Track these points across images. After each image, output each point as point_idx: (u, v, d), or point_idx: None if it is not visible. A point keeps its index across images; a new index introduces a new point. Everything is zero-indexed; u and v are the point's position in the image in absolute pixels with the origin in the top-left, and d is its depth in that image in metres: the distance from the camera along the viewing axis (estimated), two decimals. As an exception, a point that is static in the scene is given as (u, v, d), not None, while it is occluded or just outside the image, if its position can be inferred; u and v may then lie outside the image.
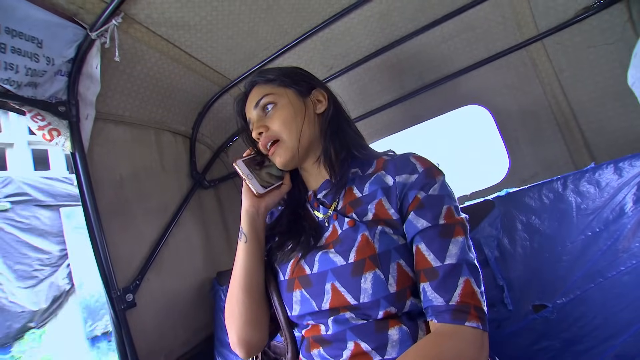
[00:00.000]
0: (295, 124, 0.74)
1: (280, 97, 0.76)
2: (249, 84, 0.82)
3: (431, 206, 0.64)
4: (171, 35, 1.07)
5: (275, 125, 0.74)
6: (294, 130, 0.74)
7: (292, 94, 0.77)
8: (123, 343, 1.07)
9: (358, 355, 0.63)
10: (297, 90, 0.78)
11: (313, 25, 1.19)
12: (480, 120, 1.45)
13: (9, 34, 0.84)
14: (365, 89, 1.45)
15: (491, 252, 0.91)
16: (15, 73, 0.88)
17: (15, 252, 4.72)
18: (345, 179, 0.75)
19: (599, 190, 0.81)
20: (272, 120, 0.75)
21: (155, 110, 1.33)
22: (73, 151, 1.07)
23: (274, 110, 0.76)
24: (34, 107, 0.99)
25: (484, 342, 0.58)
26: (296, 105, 0.76)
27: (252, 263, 0.75)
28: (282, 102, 0.76)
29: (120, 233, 1.16)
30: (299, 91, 0.78)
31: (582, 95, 1.17)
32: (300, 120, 0.75)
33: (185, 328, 1.30)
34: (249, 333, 0.74)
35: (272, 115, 0.75)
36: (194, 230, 1.47)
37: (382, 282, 0.62)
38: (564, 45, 1.16)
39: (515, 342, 0.86)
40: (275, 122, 0.75)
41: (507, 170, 1.34)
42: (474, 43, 1.28)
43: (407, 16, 1.22)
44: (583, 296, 0.80)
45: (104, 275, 1.07)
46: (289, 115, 0.74)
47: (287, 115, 0.74)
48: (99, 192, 1.11)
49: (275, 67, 0.83)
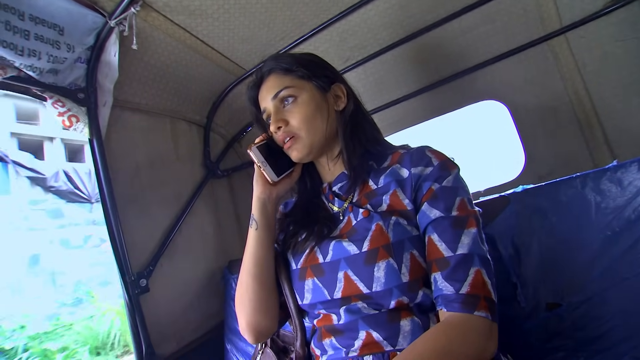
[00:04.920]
0: (316, 121, 0.74)
1: (301, 90, 0.75)
2: (265, 70, 0.80)
3: (445, 197, 0.64)
4: (188, 23, 1.08)
5: (295, 121, 0.74)
6: (314, 128, 0.73)
7: (313, 89, 0.76)
8: (137, 327, 1.09)
9: (369, 345, 0.63)
10: (317, 84, 0.76)
11: (330, 16, 1.18)
12: (494, 114, 1.42)
13: (33, 21, 0.86)
14: (381, 81, 1.43)
15: (505, 249, 0.90)
16: (37, 60, 0.90)
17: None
18: (362, 174, 0.75)
19: (621, 189, 0.78)
20: (292, 115, 0.74)
21: (171, 99, 1.34)
22: (91, 137, 1.09)
23: (294, 105, 0.74)
24: (54, 94, 1.01)
25: (492, 332, 0.58)
26: (317, 102, 0.75)
27: (263, 250, 0.75)
28: (303, 97, 0.74)
29: (135, 219, 1.18)
30: (319, 86, 0.77)
31: (605, 91, 1.14)
32: (320, 118, 0.74)
33: (196, 314, 1.33)
34: (258, 319, 0.74)
35: (291, 110, 0.74)
36: (206, 219, 1.49)
37: (395, 271, 0.62)
38: (589, 39, 1.13)
39: (527, 340, 0.85)
40: (295, 118, 0.74)
41: (523, 166, 1.31)
42: (493, 36, 1.25)
43: (426, 8, 1.19)
44: (600, 296, 0.78)
45: (119, 260, 1.10)
46: (309, 112, 0.73)
47: (308, 112, 0.73)
48: (116, 178, 1.13)
49: (291, 54, 0.81)
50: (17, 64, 0.88)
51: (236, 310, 0.78)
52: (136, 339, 1.09)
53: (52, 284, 6.19)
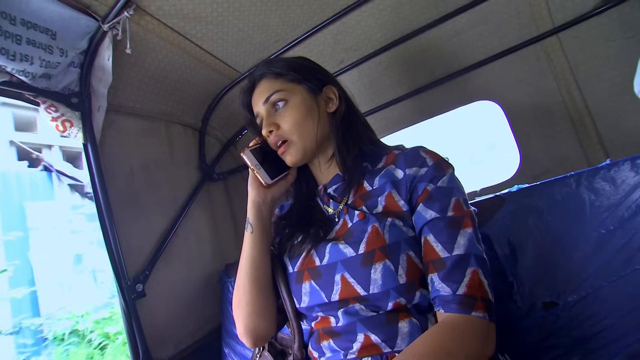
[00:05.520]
0: (307, 124, 0.74)
1: (291, 94, 0.75)
2: (257, 75, 0.80)
3: (440, 198, 0.65)
4: (182, 27, 1.07)
5: (286, 124, 0.74)
6: (305, 131, 0.74)
7: (304, 92, 0.76)
8: (133, 332, 1.08)
9: (368, 347, 0.63)
10: (308, 87, 0.77)
11: (324, 18, 1.18)
12: (488, 115, 1.42)
13: (24, 25, 0.85)
14: (375, 82, 1.44)
15: (501, 248, 0.91)
16: (30, 64, 0.89)
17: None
18: (357, 175, 0.75)
19: (614, 187, 0.79)
20: (283, 119, 0.74)
21: (165, 103, 1.34)
22: (85, 142, 1.08)
23: (285, 109, 0.74)
24: (47, 99, 1.00)
25: (490, 332, 0.58)
26: (308, 104, 0.75)
27: (259, 253, 0.75)
28: (294, 101, 0.74)
29: (130, 224, 1.17)
30: (310, 89, 0.77)
31: (598, 90, 1.15)
32: (312, 121, 0.74)
33: (193, 319, 1.32)
34: (255, 322, 0.74)
35: (283, 114, 0.74)
36: (202, 222, 1.48)
37: (392, 272, 0.62)
38: (581, 39, 1.14)
39: (524, 339, 0.85)
40: (286, 122, 0.74)
41: (518, 166, 1.32)
42: (487, 37, 1.26)
43: (419, 9, 1.20)
44: (595, 294, 0.79)
45: (115, 265, 1.09)
46: (300, 115, 0.73)
47: (298, 116, 0.73)
48: (110, 183, 1.13)
49: (282, 59, 0.81)
50: (9, 69, 0.88)
51: (234, 314, 0.77)
52: (133, 343, 1.09)
53: (94, 281, 6.80)
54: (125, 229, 1.14)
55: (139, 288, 1.12)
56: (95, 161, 1.10)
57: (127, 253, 1.12)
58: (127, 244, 1.13)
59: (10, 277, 5.08)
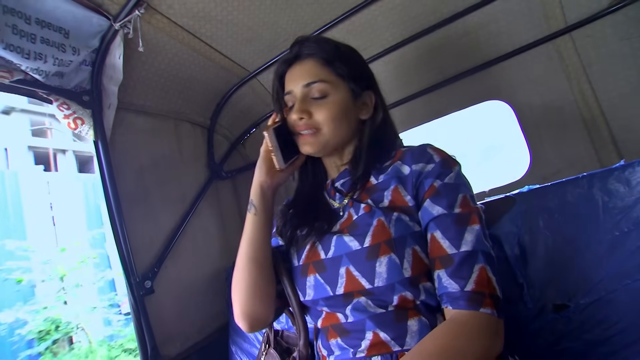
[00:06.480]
0: (340, 124, 0.73)
1: (335, 90, 0.72)
2: (305, 52, 0.75)
3: (447, 194, 0.64)
4: (192, 26, 1.08)
5: (320, 117, 0.72)
6: (337, 130, 0.73)
7: (346, 91, 0.74)
8: (142, 328, 1.10)
9: (377, 345, 0.63)
10: (352, 88, 0.74)
11: (334, 17, 1.18)
12: (498, 114, 1.40)
13: (39, 24, 0.87)
14: (385, 82, 1.41)
15: (511, 249, 0.89)
16: (43, 63, 0.91)
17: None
18: (367, 176, 0.75)
19: (629, 188, 0.77)
20: (318, 110, 0.72)
21: (175, 101, 1.35)
22: (96, 139, 1.10)
23: (325, 102, 0.72)
24: (60, 96, 1.02)
25: (498, 329, 0.58)
26: (346, 105, 0.73)
27: (260, 235, 0.75)
28: (335, 97, 0.72)
29: (139, 221, 1.19)
30: (354, 91, 0.74)
31: (611, 90, 1.13)
32: (346, 122, 0.73)
33: (200, 316, 1.33)
34: (253, 305, 0.74)
35: (320, 105, 0.72)
36: (210, 220, 1.49)
37: (397, 266, 0.62)
38: (595, 38, 1.12)
39: (535, 342, 0.84)
40: (321, 114, 0.72)
41: (528, 167, 1.30)
42: (497, 36, 1.24)
43: (429, 8, 1.19)
44: (608, 297, 0.77)
45: (124, 262, 1.10)
46: (337, 113, 0.72)
47: (336, 114, 0.72)
48: (120, 180, 1.14)
49: (335, 43, 0.77)
50: (24, 67, 0.89)
51: (232, 297, 0.76)
52: (141, 340, 1.10)
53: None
54: (134, 226, 1.15)
55: (148, 285, 1.13)
56: (106, 158, 1.11)
57: (136, 250, 1.13)
58: (136, 241, 1.15)
59: (96, 264, 6.94)
